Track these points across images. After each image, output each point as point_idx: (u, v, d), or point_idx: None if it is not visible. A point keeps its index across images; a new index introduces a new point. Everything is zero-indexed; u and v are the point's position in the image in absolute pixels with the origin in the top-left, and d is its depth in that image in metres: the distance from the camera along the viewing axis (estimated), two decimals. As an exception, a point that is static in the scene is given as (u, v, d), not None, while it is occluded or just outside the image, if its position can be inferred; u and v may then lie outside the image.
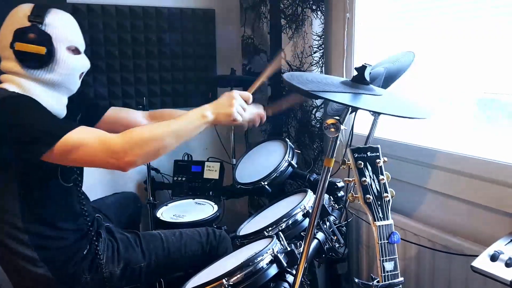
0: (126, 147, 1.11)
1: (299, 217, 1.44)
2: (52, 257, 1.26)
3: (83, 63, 1.31)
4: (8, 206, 1.21)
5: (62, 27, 1.23)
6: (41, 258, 1.24)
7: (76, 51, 1.28)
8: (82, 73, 1.32)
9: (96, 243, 1.33)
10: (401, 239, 1.58)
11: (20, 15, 1.19)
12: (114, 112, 1.58)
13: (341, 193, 1.61)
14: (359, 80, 1.04)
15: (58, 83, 1.25)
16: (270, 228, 1.41)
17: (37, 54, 1.17)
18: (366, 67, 1.02)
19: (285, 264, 1.19)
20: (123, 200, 1.83)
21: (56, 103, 1.26)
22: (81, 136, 1.12)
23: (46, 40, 1.18)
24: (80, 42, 1.30)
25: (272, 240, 1.25)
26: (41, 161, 1.11)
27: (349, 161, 1.01)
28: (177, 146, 1.19)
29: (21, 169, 1.19)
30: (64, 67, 1.23)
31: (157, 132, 1.17)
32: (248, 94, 1.37)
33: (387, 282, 0.97)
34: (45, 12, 1.21)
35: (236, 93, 1.31)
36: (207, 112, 1.24)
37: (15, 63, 1.19)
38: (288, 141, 1.87)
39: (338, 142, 1.03)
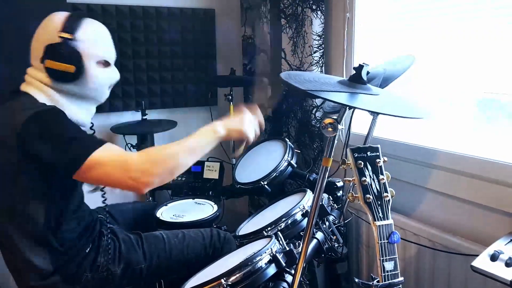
0: (143, 167, 1.12)
1: (298, 216, 1.44)
2: (59, 255, 1.26)
3: (112, 76, 1.31)
4: (32, 207, 1.20)
5: (93, 42, 1.23)
6: (50, 256, 1.24)
7: (106, 64, 1.28)
8: (111, 84, 1.33)
9: (99, 241, 1.33)
10: (401, 238, 1.58)
11: (51, 29, 1.18)
12: None
13: (341, 192, 1.61)
14: (357, 80, 1.04)
15: (87, 96, 1.26)
16: (269, 228, 1.41)
17: (66, 72, 1.18)
18: (363, 66, 1.02)
19: (284, 264, 1.19)
20: (139, 209, 1.82)
21: (84, 113, 1.28)
22: (105, 154, 1.12)
23: (75, 57, 1.18)
24: (110, 55, 1.29)
25: (270, 240, 1.25)
26: None
27: (349, 160, 1.01)
28: (190, 165, 1.19)
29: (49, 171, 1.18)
30: (93, 82, 1.24)
31: (172, 150, 1.17)
32: (261, 117, 1.36)
33: (387, 281, 0.97)
34: (76, 26, 1.19)
35: (248, 112, 1.33)
36: (218, 127, 1.24)
37: (45, 75, 1.19)
38: (288, 140, 1.87)
39: (336, 141, 1.03)
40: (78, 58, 1.19)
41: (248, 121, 1.29)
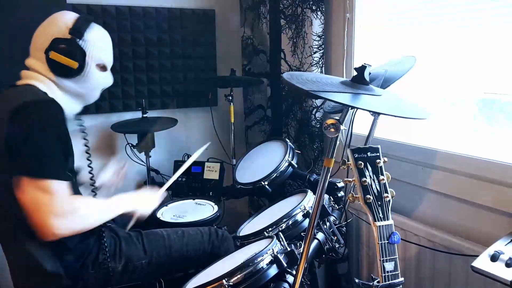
0: (65, 231, 1.15)
1: (299, 217, 1.44)
2: (67, 253, 1.27)
3: (107, 80, 1.39)
4: None
5: (98, 46, 1.31)
6: (56, 254, 1.25)
7: (103, 68, 1.35)
8: (104, 88, 1.40)
9: (100, 238, 1.34)
10: (401, 239, 1.58)
11: (62, 25, 1.25)
12: None
13: (341, 193, 1.61)
14: (359, 80, 1.04)
15: (80, 95, 1.32)
16: (270, 229, 1.42)
17: (68, 67, 1.23)
18: (366, 67, 1.02)
19: (285, 265, 1.20)
20: None
21: (71, 109, 1.32)
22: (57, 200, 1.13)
23: (80, 56, 1.25)
24: (109, 61, 1.37)
25: (272, 241, 1.25)
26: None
27: (349, 161, 1.01)
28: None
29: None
30: (90, 82, 1.31)
31: (93, 220, 1.24)
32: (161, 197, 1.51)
33: (387, 282, 0.97)
34: (86, 27, 1.27)
35: (158, 198, 1.48)
36: (129, 207, 1.37)
37: (45, 67, 1.24)
38: (288, 141, 1.87)
39: (337, 142, 1.03)
40: (83, 57, 1.26)
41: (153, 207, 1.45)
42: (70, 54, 1.23)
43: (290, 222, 1.42)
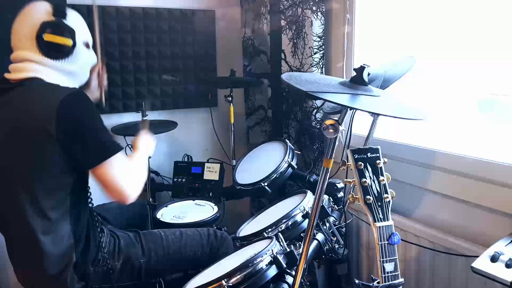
0: (135, 194, 1.31)
1: (299, 218, 1.44)
2: (73, 249, 1.28)
3: (93, 57, 1.44)
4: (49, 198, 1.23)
5: (80, 24, 1.35)
6: (65, 250, 1.26)
7: (87, 45, 1.39)
8: (92, 65, 1.45)
9: (99, 237, 1.35)
10: (401, 240, 1.58)
11: (42, 11, 1.26)
12: None
13: (341, 194, 1.61)
14: (358, 81, 1.04)
15: (75, 73, 1.34)
16: (269, 229, 1.42)
17: (63, 46, 1.26)
18: (364, 67, 1.02)
19: (285, 265, 1.19)
20: (126, 206, 1.83)
21: None
22: (119, 166, 1.25)
23: (71, 33, 1.28)
24: (90, 39, 1.42)
25: (271, 241, 1.25)
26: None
27: (349, 162, 1.01)
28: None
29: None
30: (81, 59, 1.34)
31: (144, 173, 1.42)
32: None
33: (387, 283, 0.97)
34: (65, 10, 1.30)
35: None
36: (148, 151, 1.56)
37: (37, 53, 1.25)
38: (288, 142, 1.87)
39: (337, 143, 1.03)
40: (73, 35, 1.29)
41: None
42: (62, 33, 1.26)
43: (290, 223, 1.42)
